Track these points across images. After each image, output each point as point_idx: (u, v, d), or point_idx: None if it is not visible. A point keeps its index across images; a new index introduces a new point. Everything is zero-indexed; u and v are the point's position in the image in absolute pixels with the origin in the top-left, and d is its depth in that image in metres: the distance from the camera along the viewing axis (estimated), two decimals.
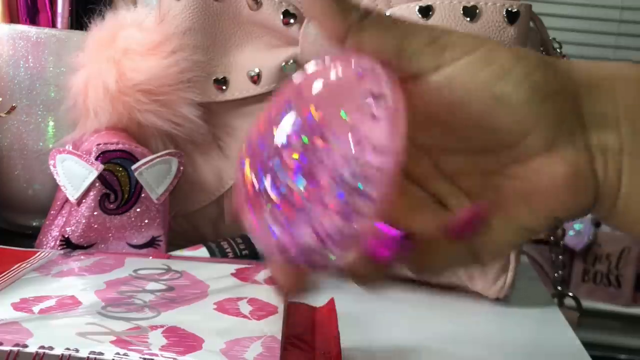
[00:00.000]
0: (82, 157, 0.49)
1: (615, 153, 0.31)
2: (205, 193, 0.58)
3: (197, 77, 0.55)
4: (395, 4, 0.53)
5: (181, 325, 0.33)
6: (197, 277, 0.40)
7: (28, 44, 0.58)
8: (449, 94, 0.30)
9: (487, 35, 0.51)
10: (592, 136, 0.31)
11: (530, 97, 0.30)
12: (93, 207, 0.49)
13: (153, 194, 0.50)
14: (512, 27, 0.51)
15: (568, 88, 0.31)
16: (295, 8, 0.54)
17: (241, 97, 0.56)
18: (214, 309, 0.36)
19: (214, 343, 0.31)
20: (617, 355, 1.75)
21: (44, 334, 0.31)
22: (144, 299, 0.36)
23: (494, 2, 0.51)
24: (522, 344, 0.50)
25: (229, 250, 0.52)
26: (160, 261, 0.43)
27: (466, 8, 0.51)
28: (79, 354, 0.29)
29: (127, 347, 0.30)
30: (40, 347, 0.29)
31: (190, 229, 0.59)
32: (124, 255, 0.45)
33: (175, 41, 0.55)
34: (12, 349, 0.29)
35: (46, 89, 0.58)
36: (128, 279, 0.39)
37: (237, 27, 0.56)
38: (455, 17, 0.51)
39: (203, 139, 0.57)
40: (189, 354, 0.30)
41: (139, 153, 0.49)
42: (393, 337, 0.46)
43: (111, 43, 0.54)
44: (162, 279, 0.39)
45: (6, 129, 0.59)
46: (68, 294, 0.36)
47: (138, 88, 0.53)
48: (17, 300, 0.35)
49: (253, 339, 0.32)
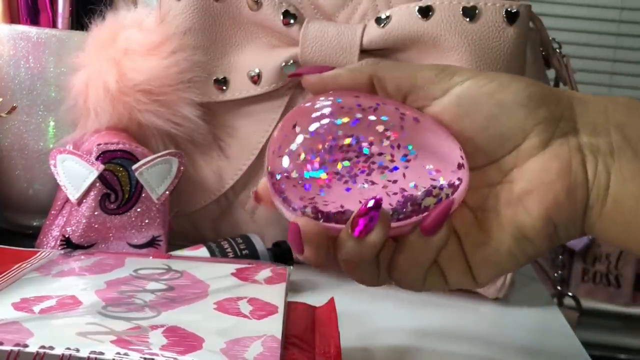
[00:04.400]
0: (83, 157, 0.49)
1: (605, 155, 0.33)
2: (205, 193, 0.58)
3: (198, 77, 0.56)
4: (395, 4, 0.54)
5: (181, 325, 0.33)
6: (197, 277, 0.40)
7: (29, 44, 0.58)
8: (457, 108, 0.35)
9: (487, 36, 0.51)
10: (584, 139, 0.34)
11: (527, 103, 0.34)
12: (93, 207, 0.49)
13: (153, 193, 0.50)
14: (512, 28, 0.51)
15: (562, 100, 0.35)
16: (295, 8, 0.54)
17: (241, 97, 0.56)
18: (214, 309, 0.36)
19: (214, 343, 0.31)
20: (616, 355, 1.75)
21: (45, 334, 0.31)
22: (144, 299, 0.36)
23: (494, 2, 0.51)
24: (522, 344, 0.50)
25: (229, 250, 0.52)
26: (160, 261, 0.43)
27: (466, 8, 0.51)
28: (79, 354, 0.29)
29: (128, 347, 0.30)
30: (40, 347, 0.29)
31: (191, 229, 0.59)
32: (124, 255, 0.45)
33: (176, 41, 0.55)
34: (13, 349, 0.29)
35: (47, 89, 0.58)
36: (128, 278, 0.39)
37: (237, 27, 0.56)
38: (455, 18, 0.51)
39: (203, 139, 0.57)
40: (189, 354, 0.30)
41: (139, 153, 0.50)
42: (393, 337, 0.47)
43: (111, 43, 0.54)
44: (163, 279, 0.40)
45: (7, 129, 0.59)
46: (68, 293, 0.36)
47: (138, 88, 0.53)
48: (17, 300, 0.35)
49: (253, 338, 0.32)
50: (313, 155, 0.33)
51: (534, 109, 0.34)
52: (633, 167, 0.33)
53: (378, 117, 0.34)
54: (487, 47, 0.51)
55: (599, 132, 0.34)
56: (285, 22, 0.54)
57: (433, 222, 0.33)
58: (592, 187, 0.34)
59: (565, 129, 0.34)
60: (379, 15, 0.53)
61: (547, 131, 0.34)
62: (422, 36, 0.52)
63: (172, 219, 0.55)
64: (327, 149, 0.33)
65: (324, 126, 0.34)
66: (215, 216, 0.59)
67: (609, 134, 0.34)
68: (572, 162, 0.34)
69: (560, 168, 0.34)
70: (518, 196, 0.34)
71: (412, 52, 0.53)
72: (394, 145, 0.34)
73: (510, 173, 0.35)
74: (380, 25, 0.53)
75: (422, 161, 0.34)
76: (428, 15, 0.52)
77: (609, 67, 1.95)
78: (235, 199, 0.58)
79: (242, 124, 0.57)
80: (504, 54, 0.51)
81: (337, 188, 0.33)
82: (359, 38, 0.53)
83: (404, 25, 0.52)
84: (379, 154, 0.34)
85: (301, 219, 0.33)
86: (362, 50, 0.53)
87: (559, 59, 0.59)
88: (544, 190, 0.34)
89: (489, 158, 0.35)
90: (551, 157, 0.34)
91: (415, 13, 0.52)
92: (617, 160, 0.33)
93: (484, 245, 0.35)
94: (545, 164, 0.34)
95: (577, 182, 0.34)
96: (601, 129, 0.34)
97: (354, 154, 0.34)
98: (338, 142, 0.34)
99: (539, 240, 0.34)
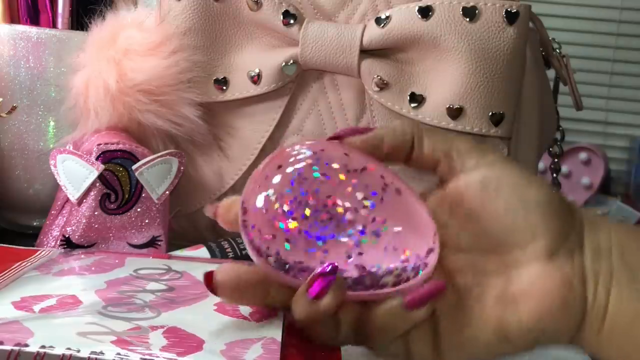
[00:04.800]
0: (83, 157, 0.49)
1: (605, 278, 0.34)
2: (205, 193, 0.58)
3: (198, 77, 0.56)
4: (395, 4, 0.54)
5: (181, 326, 0.33)
6: (197, 278, 0.40)
7: (29, 44, 0.58)
8: (481, 189, 0.35)
9: (487, 36, 0.51)
10: (588, 262, 0.35)
11: (547, 208, 0.35)
12: (94, 207, 0.49)
13: (154, 193, 0.50)
14: (512, 28, 0.51)
15: (576, 218, 0.36)
16: (295, 8, 0.55)
17: (241, 97, 0.56)
18: (214, 310, 0.36)
19: (214, 344, 0.31)
20: None
21: (45, 334, 0.31)
22: (144, 299, 0.36)
23: (494, 2, 0.51)
24: None
25: (230, 250, 0.52)
26: (160, 261, 0.43)
27: (466, 8, 0.51)
28: (79, 354, 0.29)
29: (128, 348, 0.30)
30: (41, 347, 0.29)
31: (191, 229, 0.59)
32: (124, 254, 0.45)
33: (176, 41, 0.55)
34: (13, 349, 0.29)
35: (47, 89, 0.58)
36: (129, 278, 0.39)
37: (237, 27, 0.57)
38: (455, 18, 0.51)
39: (203, 139, 0.57)
40: (189, 355, 0.30)
41: (139, 153, 0.50)
42: None
43: (112, 43, 0.54)
44: (163, 279, 0.40)
45: (7, 129, 0.59)
46: (69, 293, 0.36)
47: (138, 88, 0.53)
48: (17, 299, 0.35)
49: (253, 340, 0.32)
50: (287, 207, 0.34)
51: (550, 216, 0.35)
52: (629, 291, 0.34)
53: (361, 182, 0.34)
54: (487, 47, 0.51)
55: (602, 255, 0.35)
56: (285, 22, 0.54)
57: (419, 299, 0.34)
58: (591, 306, 0.34)
59: (572, 245, 0.35)
60: (379, 16, 0.53)
61: (556, 241, 0.35)
62: (422, 36, 0.52)
63: (172, 219, 0.55)
64: (303, 203, 0.34)
65: (306, 180, 0.34)
66: None
67: (610, 256, 0.35)
68: (573, 280, 0.34)
69: (562, 281, 0.34)
70: (513, 295, 0.35)
71: (412, 52, 0.53)
72: (369, 217, 0.34)
73: (511, 269, 0.35)
74: (380, 25, 0.53)
75: (393, 239, 0.34)
76: (428, 15, 0.52)
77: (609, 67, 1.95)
78: None
79: (242, 124, 0.57)
80: (504, 54, 0.51)
81: (303, 244, 0.34)
82: (359, 38, 0.53)
83: (404, 25, 0.52)
84: (351, 221, 0.34)
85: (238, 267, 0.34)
86: (362, 50, 0.53)
87: (559, 59, 0.59)
88: (541, 296, 0.34)
89: (494, 246, 0.35)
90: (555, 268, 0.34)
91: (415, 13, 0.52)
92: (616, 284, 0.34)
93: (460, 331, 0.35)
94: (548, 273, 0.34)
95: (576, 298, 0.34)
96: (604, 253, 0.35)
97: (327, 216, 0.34)
98: (316, 199, 0.34)
99: (520, 342, 0.35)
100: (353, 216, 0.34)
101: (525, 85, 0.54)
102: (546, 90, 0.58)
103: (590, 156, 1.58)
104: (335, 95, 0.56)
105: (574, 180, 1.59)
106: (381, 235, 0.34)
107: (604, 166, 1.55)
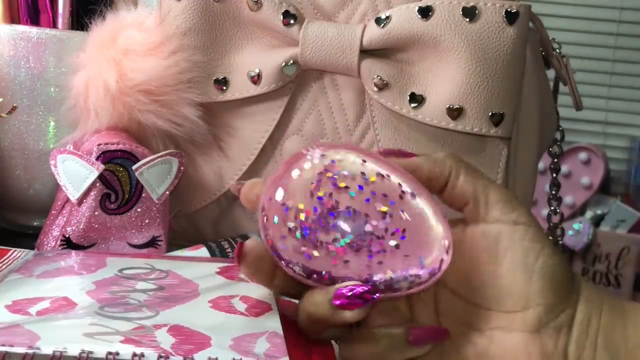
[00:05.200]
0: (83, 157, 0.49)
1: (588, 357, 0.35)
2: (205, 193, 0.58)
3: (198, 77, 0.56)
4: (395, 4, 0.54)
5: (183, 324, 0.33)
6: (183, 276, 0.40)
7: (29, 44, 0.58)
8: (494, 243, 0.36)
9: (487, 36, 0.51)
10: (572, 344, 0.35)
11: (546, 281, 0.35)
12: (94, 207, 0.49)
13: (154, 194, 0.50)
14: (512, 28, 0.51)
15: (572, 297, 0.36)
16: (295, 9, 0.55)
17: (241, 97, 0.56)
18: (210, 307, 0.36)
19: (220, 340, 0.31)
20: None
21: (51, 336, 0.30)
22: (138, 299, 0.36)
23: (494, 2, 0.51)
24: None
25: (230, 250, 0.52)
26: (142, 260, 0.43)
27: (466, 8, 0.51)
28: (95, 355, 0.29)
29: (139, 346, 0.30)
30: (55, 349, 0.29)
31: (191, 229, 0.59)
32: (103, 254, 0.45)
33: (176, 42, 0.55)
34: (28, 352, 0.28)
35: (47, 89, 0.58)
36: (115, 279, 0.39)
37: (237, 27, 0.57)
38: (455, 18, 0.51)
39: (203, 139, 0.57)
40: (202, 351, 0.30)
41: (139, 153, 0.50)
42: None
43: (112, 43, 0.54)
44: (150, 279, 0.39)
45: (7, 129, 0.59)
46: (61, 295, 0.36)
47: (138, 88, 0.53)
48: (9, 302, 0.34)
49: (257, 335, 0.33)
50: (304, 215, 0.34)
51: (548, 289, 0.35)
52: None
53: (379, 194, 0.35)
54: (487, 47, 0.51)
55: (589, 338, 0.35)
56: (285, 22, 0.54)
57: (424, 337, 0.34)
58: None
59: (562, 323, 0.35)
60: (379, 16, 0.53)
61: (547, 316, 0.35)
62: (422, 36, 0.52)
63: (172, 219, 0.55)
64: (326, 215, 0.34)
65: (328, 192, 0.34)
66: (215, 216, 0.59)
67: (595, 342, 0.35)
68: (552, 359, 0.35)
69: (540, 357, 0.35)
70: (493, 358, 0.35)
71: (412, 52, 0.53)
72: (389, 229, 0.34)
73: (495, 330, 0.36)
74: (380, 25, 0.53)
75: (410, 248, 0.34)
76: (428, 15, 0.52)
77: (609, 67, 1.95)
78: (236, 199, 0.58)
79: (242, 124, 0.57)
80: (504, 54, 0.51)
81: (324, 254, 0.34)
82: (359, 38, 0.53)
83: (404, 25, 0.52)
84: (371, 232, 0.34)
85: None
86: (362, 50, 0.53)
87: (558, 59, 0.59)
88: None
89: (487, 303, 0.36)
90: (537, 343, 0.35)
91: (415, 13, 0.52)
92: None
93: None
94: (528, 347, 0.35)
95: None
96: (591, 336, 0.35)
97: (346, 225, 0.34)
98: (336, 209, 0.34)
99: None
100: (372, 228, 0.34)
101: (525, 85, 0.54)
102: (546, 90, 0.58)
103: (590, 156, 1.58)
104: (335, 96, 0.56)
105: (574, 180, 1.60)
106: (399, 245, 0.34)
107: (604, 166, 1.56)
